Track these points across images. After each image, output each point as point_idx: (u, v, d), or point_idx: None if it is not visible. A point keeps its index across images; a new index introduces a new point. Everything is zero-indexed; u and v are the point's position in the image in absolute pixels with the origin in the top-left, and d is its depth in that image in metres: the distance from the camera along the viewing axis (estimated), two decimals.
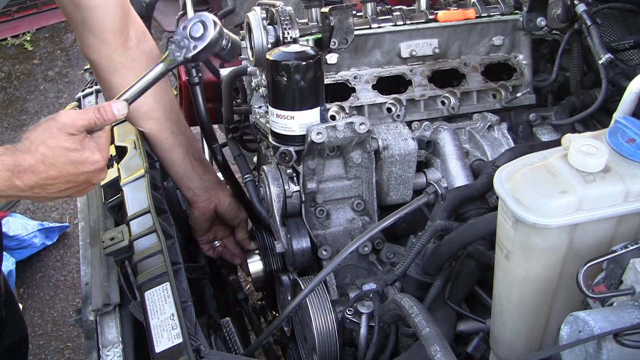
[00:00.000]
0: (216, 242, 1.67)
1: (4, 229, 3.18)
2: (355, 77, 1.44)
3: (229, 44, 1.22)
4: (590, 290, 0.79)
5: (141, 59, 1.44)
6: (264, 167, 1.36)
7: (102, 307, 1.22)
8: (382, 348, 1.17)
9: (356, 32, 1.37)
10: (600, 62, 1.33)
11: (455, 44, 1.50)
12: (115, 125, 1.70)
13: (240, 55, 1.51)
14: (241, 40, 1.48)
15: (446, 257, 1.13)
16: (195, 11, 2.41)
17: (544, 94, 1.56)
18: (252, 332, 1.83)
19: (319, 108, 1.25)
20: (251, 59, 1.40)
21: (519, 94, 1.49)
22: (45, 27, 5.73)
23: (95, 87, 2.01)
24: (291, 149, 1.27)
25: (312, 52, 1.23)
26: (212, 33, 1.16)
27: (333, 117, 1.40)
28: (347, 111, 1.41)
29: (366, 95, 1.44)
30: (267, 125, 1.34)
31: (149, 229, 1.28)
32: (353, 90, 1.43)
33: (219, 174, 1.75)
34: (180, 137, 1.52)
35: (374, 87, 1.44)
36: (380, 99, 1.44)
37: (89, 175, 1.14)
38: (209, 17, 1.18)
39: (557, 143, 1.00)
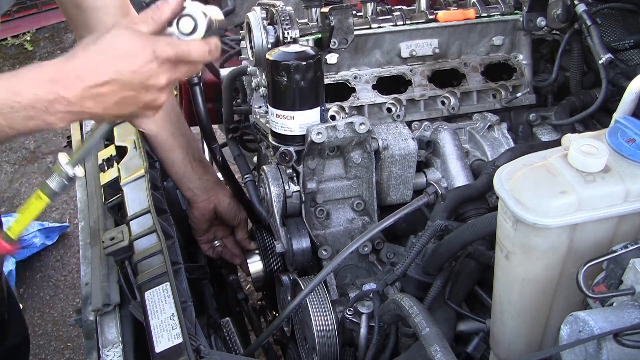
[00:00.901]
0: (216, 242, 1.67)
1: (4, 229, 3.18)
2: (355, 77, 1.44)
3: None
4: (590, 290, 0.79)
5: None
6: (264, 167, 1.36)
7: (102, 307, 1.22)
8: (382, 348, 1.17)
9: (356, 32, 1.37)
10: (600, 62, 1.33)
11: (455, 44, 1.50)
12: (115, 125, 1.70)
13: (241, 55, 1.51)
14: (241, 40, 1.48)
15: (446, 257, 1.13)
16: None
17: (544, 94, 1.56)
18: (252, 332, 1.83)
19: (319, 108, 1.25)
20: (251, 59, 1.40)
21: (519, 94, 1.49)
22: (45, 27, 5.73)
23: None
24: (291, 149, 1.27)
25: (312, 52, 1.23)
26: (203, 28, 1.03)
27: (333, 117, 1.40)
28: (347, 111, 1.41)
29: (366, 95, 1.44)
30: (267, 125, 1.34)
31: (149, 229, 1.28)
32: (353, 90, 1.43)
33: (219, 174, 1.75)
34: (180, 138, 1.52)
35: (374, 87, 1.44)
36: (380, 99, 1.44)
37: (150, 84, 0.96)
38: (197, 9, 1.04)
39: (557, 143, 0.99)
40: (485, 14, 1.48)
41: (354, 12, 1.38)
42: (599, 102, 1.35)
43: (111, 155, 1.56)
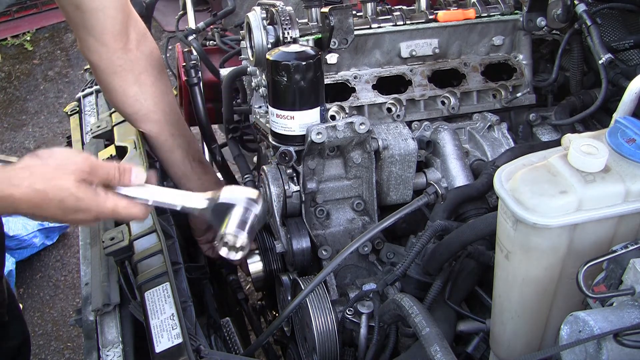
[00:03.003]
0: (216, 242, 1.67)
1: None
2: (355, 77, 1.44)
3: None
4: (590, 290, 0.79)
5: (140, 61, 1.44)
6: (264, 167, 1.36)
7: (102, 307, 1.22)
8: (382, 348, 1.17)
9: (356, 32, 1.37)
10: (600, 62, 1.33)
11: (455, 44, 1.50)
12: (115, 125, 1.70)
13: (241, 55, 1.51)
14: (241, 40, 1.48)
15: (446, 257, 1.13)
16: (195, 11, 2.42)
17: (544, 94, 1.56)
18: (252, 332, 1.83)
19: (319, 108, 1.25)
20: (251, 59, 1.40)
21: (519, 94, 1.49)
22: (45, 27, 5.74)
23: (95, 87, 2.01)
24: (291, 149, 1.27)
25: (312, 52, 1.23)
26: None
27: (333, 117, 1.40)
28: (347, 111, 1.41)
29: (366, 95, 1.44)
30: (267, 125, 1.34)
31: (149, 229, 1.28)
32: (353, 90, 1.43)
33: (219, 174, 1.75)
34: (179, 139, 1.52)
35: (374, 87, 1.44)
36: (380, 99, 1.44)
37: (75, 222, 1.10)
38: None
39: (557, 143, 1.00)
40: (485, 14, 1.48)
41: (354, 12, 1.38)
42: (599, 102, 1.35)
43: (111, 155, 1.56)
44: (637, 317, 0.73)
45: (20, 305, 3.05)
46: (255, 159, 1.90)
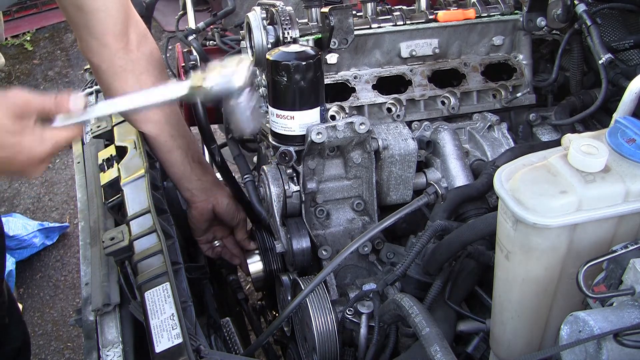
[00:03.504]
0: (216, 242, 1.67)
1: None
2: (355, 77, 1.44)
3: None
4: (590, 290, 0.79)
5: (141, 62, 1.44)
6: (264, 167, 1.36)
7: (102, 307, 1.22)
8: (382, 348, 1.17)
9: (356, 32, 1.37)
10: (600, 62, 1.33)
11: (455, 44, 1.50)
12: (115, 125, 1.70)
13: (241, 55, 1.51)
14: (241, 40, 1.49)
15: (446, 257, 1.13)
16: (195, 11, 2.41)
17: (544, 94, 1.57)
18: (252, 332, 1.83)
19: (319, 108, 1.25)
20: (251, 59, 1.40)
21: (519, 94, 1.49)
22: (45, 27, 5.74)
23: (95, 87, 2.01)
24: (291, 149, 1.27)
25: (312, 52, 1.23)
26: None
27: (333, 117, 1.40)
28: (347, 111, 1.41)
29: (366, 95, 1.44)
30: (267, 125, 1.34)
31: (149, 229, 1.28)
32: (353, 90, 1.43)
33: (218, 175, 1.75)
34: (179, 139, 1.52)
35: (374, 87, 1.44)
36: (380, 99, 1.44)
37: (21, 167, 1.06)
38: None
39: (557, 143, 1.00)
40: (485, 14, 1.48)
41: (354, 12, 1.38)
42: (599, 102, 1.36)
43: (111, 155, 1.56)
44: (637, 317, 0.73)
45: (20, 306, 3.06)
46: (255, 159, 1.90)
